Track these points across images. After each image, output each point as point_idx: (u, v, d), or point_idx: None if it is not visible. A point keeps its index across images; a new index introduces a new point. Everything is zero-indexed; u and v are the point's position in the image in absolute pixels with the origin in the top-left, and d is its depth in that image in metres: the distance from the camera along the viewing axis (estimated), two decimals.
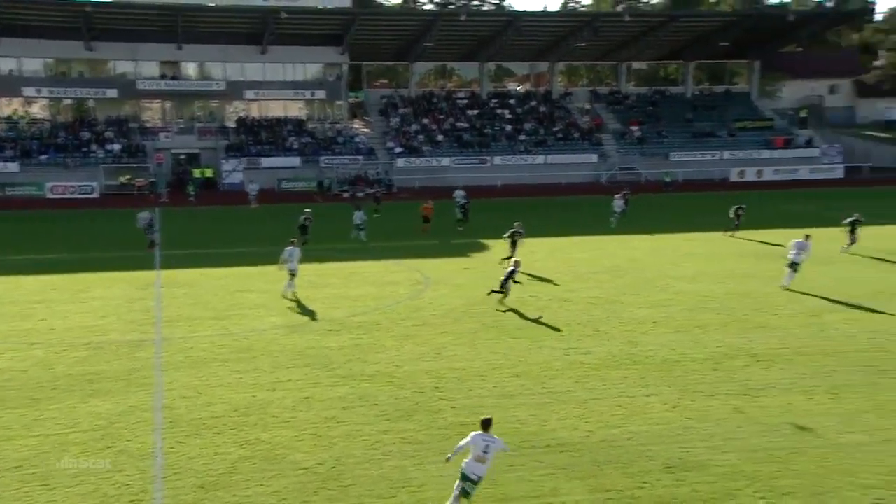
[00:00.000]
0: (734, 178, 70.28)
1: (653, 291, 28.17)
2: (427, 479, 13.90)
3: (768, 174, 71.40)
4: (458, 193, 47.28)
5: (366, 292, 28.31)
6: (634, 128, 77.67)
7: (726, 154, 74.25)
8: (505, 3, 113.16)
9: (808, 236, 29.07)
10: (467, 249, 37.66)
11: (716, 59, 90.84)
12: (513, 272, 26.41)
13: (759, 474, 14.08)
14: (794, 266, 28.34)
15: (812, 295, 27.30)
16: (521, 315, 24.89)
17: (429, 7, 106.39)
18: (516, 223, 33.72)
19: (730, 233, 40.75)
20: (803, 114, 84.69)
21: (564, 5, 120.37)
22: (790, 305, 25.84)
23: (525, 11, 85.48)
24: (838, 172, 72.94)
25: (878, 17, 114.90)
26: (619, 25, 77.85)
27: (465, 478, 12.41)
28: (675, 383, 18.70)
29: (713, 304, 26.25)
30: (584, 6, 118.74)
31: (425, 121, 76.68)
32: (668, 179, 66.75)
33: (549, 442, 15.46)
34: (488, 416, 12.85)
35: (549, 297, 27.46)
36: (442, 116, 77.79)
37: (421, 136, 74.40)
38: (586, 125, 78.37)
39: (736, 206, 41.15)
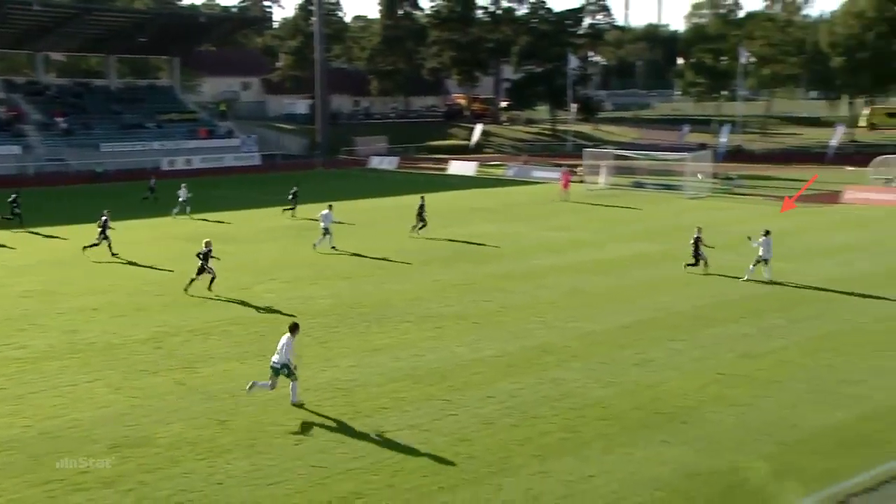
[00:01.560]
0: (165, 166, 71.40)
1: (94, 279, 27.90)
2: None
3: (197, 162, 74.45)
4: None
5: None
6: (59, 119, 74.12)
7: (156, 144, 75.32)
8: None
9: (330, 206, 33.45)
10: None
11: (138, 53, 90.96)
12: (208, 252, 25.46)
13: (201, 438, 15.10)
14: (326, 231, 32.63)
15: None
16: None
17: None
18: (105, 211, 31.81)
19: (289, 212, 42.89)
20: (223, 107, 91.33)
21: None
22: (222, 283, 26.93)
23: None
24: (256, 160, 79.36)
25: (275, 24, 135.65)
26: (28, 13, 72.74)
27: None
28: (118, 366, 18.99)
29: (154, 287, 26.92)
30: None
31: None
32: (99, 170, 66.86)
33: None
34: (296, 322, 17.12)
35: None
36: None
37: None
38: (4, 116, 72.55)
39: (294, 189, 43.28)
